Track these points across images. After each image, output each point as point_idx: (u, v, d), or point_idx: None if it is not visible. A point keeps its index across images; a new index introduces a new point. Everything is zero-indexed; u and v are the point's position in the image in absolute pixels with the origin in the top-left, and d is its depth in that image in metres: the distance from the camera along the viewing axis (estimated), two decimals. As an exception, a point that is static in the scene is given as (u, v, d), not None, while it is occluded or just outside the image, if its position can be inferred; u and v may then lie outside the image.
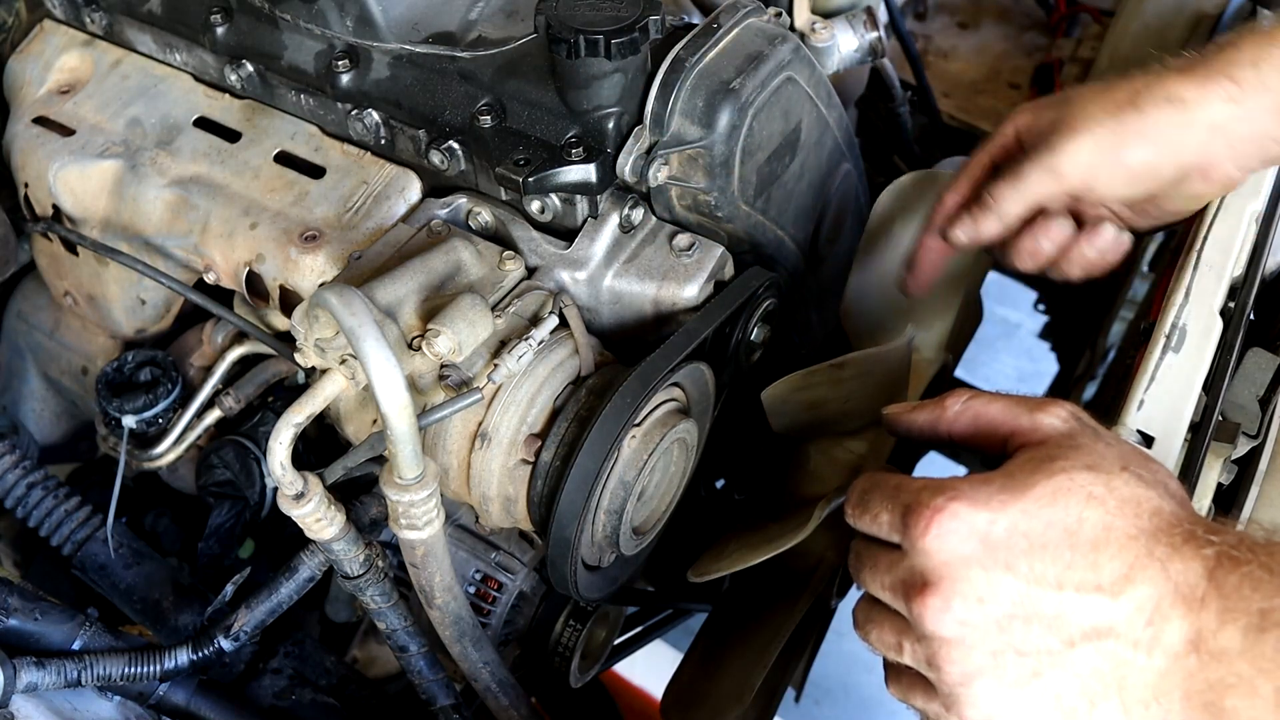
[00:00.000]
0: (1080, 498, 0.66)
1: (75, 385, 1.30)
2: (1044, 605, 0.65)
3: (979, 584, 0.66)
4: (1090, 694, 0.65)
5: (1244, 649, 0.61)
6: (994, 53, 1.69)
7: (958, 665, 0.67)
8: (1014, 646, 0.65)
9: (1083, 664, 0.65)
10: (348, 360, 0.81)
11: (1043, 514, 0.66)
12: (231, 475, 1.17)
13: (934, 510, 0.67)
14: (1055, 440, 0.70)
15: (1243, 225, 0.95)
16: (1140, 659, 0.64)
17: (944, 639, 0.67)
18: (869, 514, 0.73)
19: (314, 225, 1.01)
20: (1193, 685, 0.63)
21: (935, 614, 0.66)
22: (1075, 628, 0.65)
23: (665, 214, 1.00)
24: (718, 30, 0.95)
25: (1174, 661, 0.63)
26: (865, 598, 0.75)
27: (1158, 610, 0.63)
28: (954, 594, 0.66)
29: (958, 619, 0.66)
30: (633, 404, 0.84)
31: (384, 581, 0.92)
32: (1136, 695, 0.64)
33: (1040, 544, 0.65)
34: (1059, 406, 0.73)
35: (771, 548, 0.94)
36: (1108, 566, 0.64)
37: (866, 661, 1.47)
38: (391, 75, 1.00)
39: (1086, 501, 0.66)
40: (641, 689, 1.84)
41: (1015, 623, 0.65)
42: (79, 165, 1.10)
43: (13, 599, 0.89)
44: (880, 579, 0.71)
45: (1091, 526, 0.65)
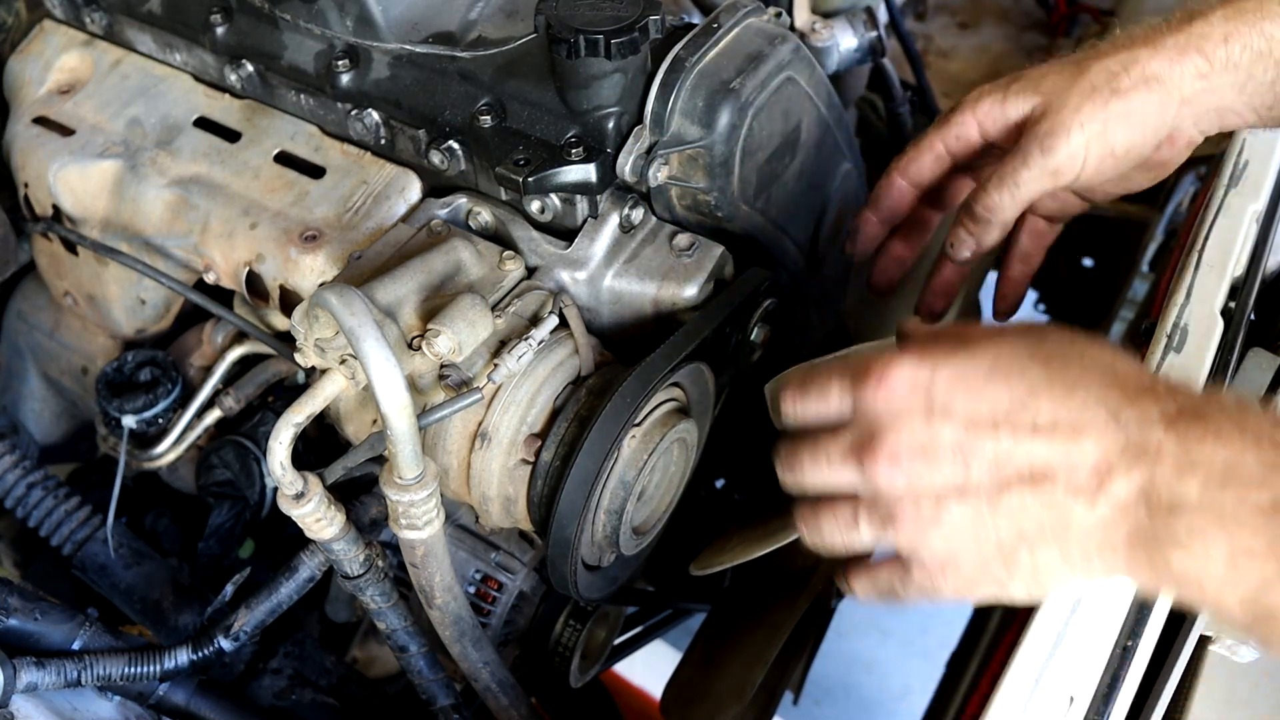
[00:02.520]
0: (1022, 354, 0.66)
1: (75, 385, 1.30)
2: (982, 448, 0.65)
3: (920, 433, 0.66)
4: (1029, 540, 0.65)
5: (1202, 504, 0.59)
6: (994, 53, 1.69)
7: (910, 518, 0.67)
8: (956, 490, 0.66)
9: (1019, 508, 0.64)
10: (348, 360, 0.81)
11: (984, 363, 0.66)
12: (231, 475, 1.17)
13: (882, 367, 0.68)
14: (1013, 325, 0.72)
15: (1243, 225, 0.95)
16: (1081, 508, 0.63)
17: (895, 494, 0.68)
18: (815, 390, 0.73)
19: (314, 225, 1.01)
20: (1138, 538, 0.61)
21: (885, 467, 0.67)
22: (1011, 470, 0.64)
23: (665, 214, 1.00)
24: (718, 30, 0.95)
25: (1120, 513, 0.62)
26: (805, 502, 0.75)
27: (1105, 458, 0.62)
28: (899, 445, 0.67)
29: (905, 470, 0.67)
30: (633, 404, 0.84)
31: (384, 581, 0.92)
32: (1077, 545, 0.63)
33: (979, 390, 0.66)
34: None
35: (773, 541, 0.94)
36: (1048, 410, 0.64)
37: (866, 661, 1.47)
38: (391, 75, 1.00)
39: (1031, 355, 0.66)
40: (641, 689, 1.84)
41: (955, 468, 0.66)
42: (79, 165, 1.10)
43: (13, 599, 0.89)
44: (827, 453, 0.71)
45: (1035, 375, 0.65)
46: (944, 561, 0.68)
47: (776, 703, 1.23)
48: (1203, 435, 0.60)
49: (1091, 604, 0.74)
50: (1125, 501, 0.61)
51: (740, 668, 1.09)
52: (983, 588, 0.68)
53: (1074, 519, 0.63)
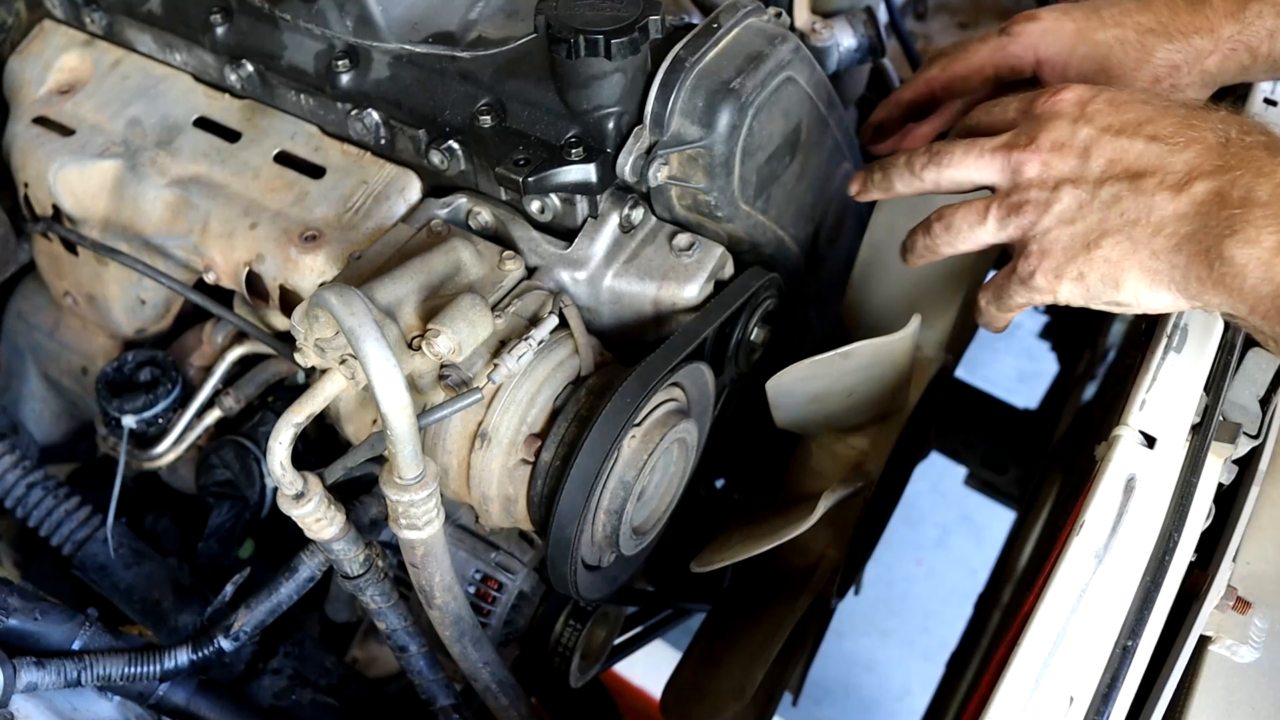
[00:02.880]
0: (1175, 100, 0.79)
1: (75, 385, 1.30)
2: (1104, 147, 0.77)
3: (1064, 131, 0.79)
4: (1110, 227, 0.75)
5: (1269, 199, 0.68)
6: (994, 53, 1.68)
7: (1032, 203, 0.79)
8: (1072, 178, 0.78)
9: (1113, 197, 0.75)
10: (348, 360, 0.81)
11: (1138, 93, 0.79)
12: (231, 475, 1.17)
13: (1055, 89, 0.82)
14: None
15: (1243, 225, 0.94)
16: (1163, 201, 0.73)
17: (1026, 180, 0.80)
18: (998, 105, 0.87)
19: (314, 225, 1.01)
20: (1203, 231, 0.70)
21: (1027, 155, 0.80)
22: (1120, 166, 0.76)
23: (665, 214, 1.00)
24: (718, 30, 0.95)
25: (1195, 207, 0.71)
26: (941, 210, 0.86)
27: (1200, 163, 0.72)
28: (1046, 140, 0.79)
29: (1041, 160, 0.79)
30: (633, 404, 0.84)
31: (384, 581, 0.92)
32: (1149, 238, 0.73)
33: (1122, 107, 0.78)
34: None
35: (775, 538, 0.94)
36: (1171, 125, 0.75)
37: (866, 661, 1.47)
38: (391, 75, 1.00)
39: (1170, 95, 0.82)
40: (641, 689, 1.84)
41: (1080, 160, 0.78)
42: (79, 165, 1.10)
43: (13, 599, 0.89)
44: (981, 146, 0.83)
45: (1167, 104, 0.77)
46: (1045, 247, 0.79)
47: (776, 702, 1.23)
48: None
49: (1091, 604, 0.74)
50: (1203, 198, 0.71)
51: (740, 667, 1.09)
52: (1067, 281, 0.78)
53: (1155, 210, 0.73)
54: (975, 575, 1.67)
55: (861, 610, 2.28)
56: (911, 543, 2.54)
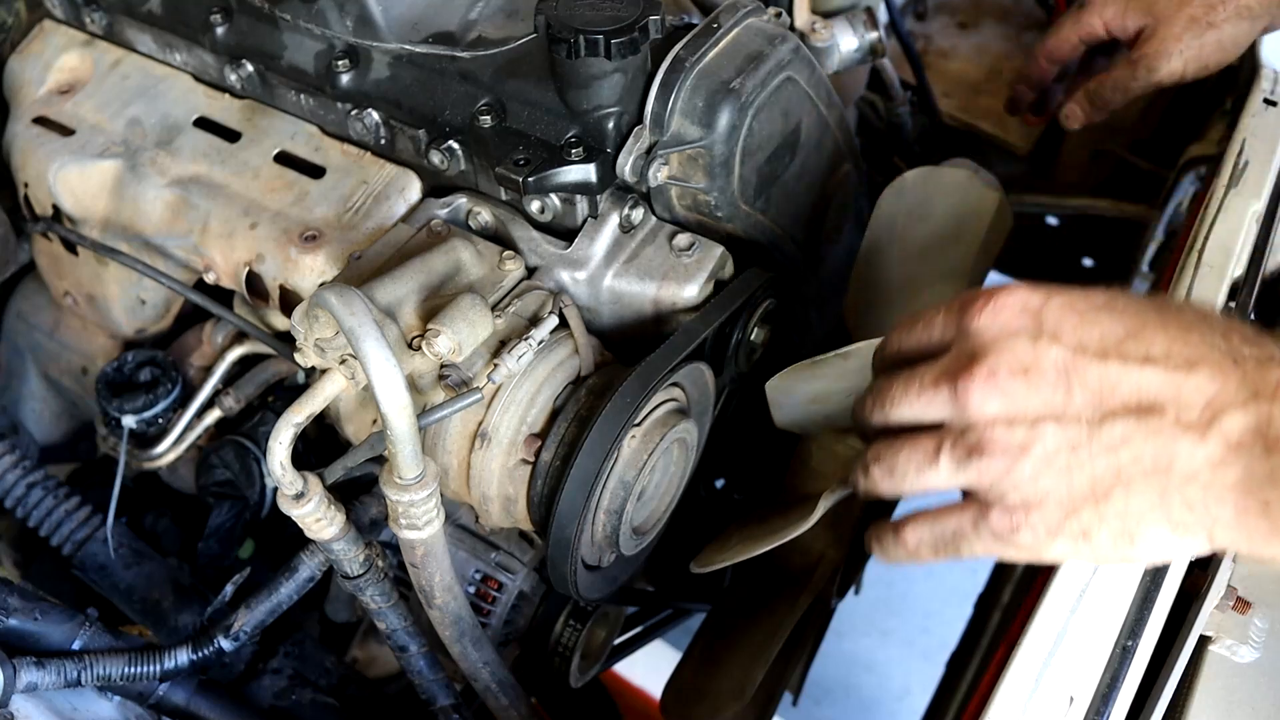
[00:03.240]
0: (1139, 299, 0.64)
1: (75, 385, 1.29)
2: (1088, 372, 0.61)
3: (1024, 353, 0.63)
4: (1127, 478, 0.60)
5: None
6: (994, 53, 1.68)
7: (1001, 445, 0.63)
8: (1054, 414, 0.62)
9: (1120, 439, 0.60)
10: (348, 360, 0.81)
11: (1098, 299, 0.64)
12: (231, 475, 1.17)
13: (989, 294, 0.65)
14: None
15: (1244, 225, 0.95)
16: (1188, 444, 0.59)
17: (987, 418, 0.63)
18: (920, 324, 0.70)
19: (314, 225, 1.01)
20: (1251, 482, 0.57)
21: (981, 387, 0.63)
22: (1117, 399, 0.60)
23: (665, 214, 1.00)
24: (718, 30, 0.95)
25: (1232, 452, 0.58)
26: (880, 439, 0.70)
27: (1219, 393, 0.58)
28: (1000, 364, 0.63)
29: (1001, 390, 0.63)
30: (633, 404, 0.84)
31: (384, 581, 0.92)
32: (1179, 488, 0.59)
33: (1091, 318, 0.63)
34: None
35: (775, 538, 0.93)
36: (1161, 343, 0.61)
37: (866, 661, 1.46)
38: (391, 75, 1.00)
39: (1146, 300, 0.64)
40: (641, 689, 1.84)
41: (1057, 391, 0.62)
42: (79, 165, 1.10)
43: (13, 599, 0.89)
44: (920, 379, 0.67)
45: (1149, 314, 0.62)
46: (1028, 499, 0.63)
47: (776, 702, 1.23)
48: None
49: (1091, 604, 0.74)
50: (1238, 440, 0.58)
51: (740, 667, 1.09)
52: (1065, 538, 0.63)
53: (1180, 456, 0.59)
54: (975, 575, 1.67)
55: (861, 610, 2.28)
56: (911, 542, 2.54)
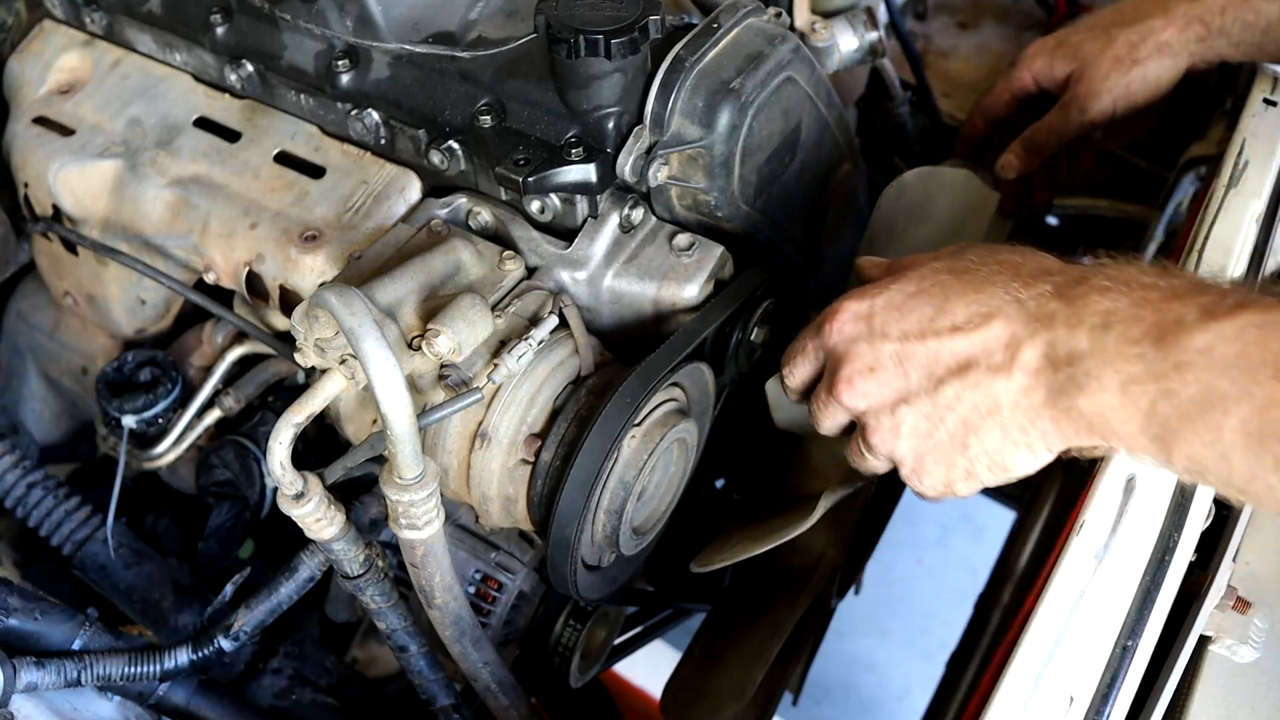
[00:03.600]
0: (945, 267, 0.76)
1: (75, 385, 1.29)
2: (915, 354, 0.74)
3: (866, 355, 0.76)
4: (972, 424, 0.73)
5: (1091, 349, 0.66)
6: (994, 53, 1.68)
7: (878, 434, 0.77)
8: (903, 399, 0.75)
9: (954, 397, 0.72)
10: (348, 360, 0.81)
11: (909, 287, 0.76)
12: (231, 475, 1.17)
13: (831, 312, 0.79)
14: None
15: (1243, 226, 0.95)
16: (1001, 382, 0.70)
17: (861, 413, 0.78)
18: (799, 353, 0.83)
19: (314, 225, 1.01)
20: (1052, 395, 0.69)
21: (845, 392, 0.77)
22: (942, 367, 0.73)
23: (665, 214, 1.00)
24: (718, 30, 0.95)
25: (1033, 377, 0.69)
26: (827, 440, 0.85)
27: (1013, 336, 0.70)
28: (853, 370, 0.77)
29: (861, 391, 0.77)
30: (633, 404, 0.84)
31: (384, 581, 0.92)
32: (1011, 419, 0.71)
33: (907, 309, 0.75)
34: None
35: (775, 538, 0.94)
36: (961, 310, 0.73)
37: (866, 661, 1.46)
38: (391, 75, 1.00)
39: (950, 269, 0.76)
40: (641, 689, 1.84)
41: (898, 378, 0.75)
42: (79, 165, 1.10)
43: (13, 599, 0.89)
44: (820, 400, 0.81)
45: (950, 286, 0.74)
46: (915, 467, 0.77)
47: (776, 702, 1.23)
48: (1086, 294, 0.68)
49: (1092, 604, 0.74)
50: (1035, 366, 0.69)
51: (740, 667, 1.09)
52: (957, 480, 0.76)
53: (1000, 394, 0.71)
54: (975, 575, 1.67)
55: (861, 610, 2.28)
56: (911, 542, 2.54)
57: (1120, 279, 0.68)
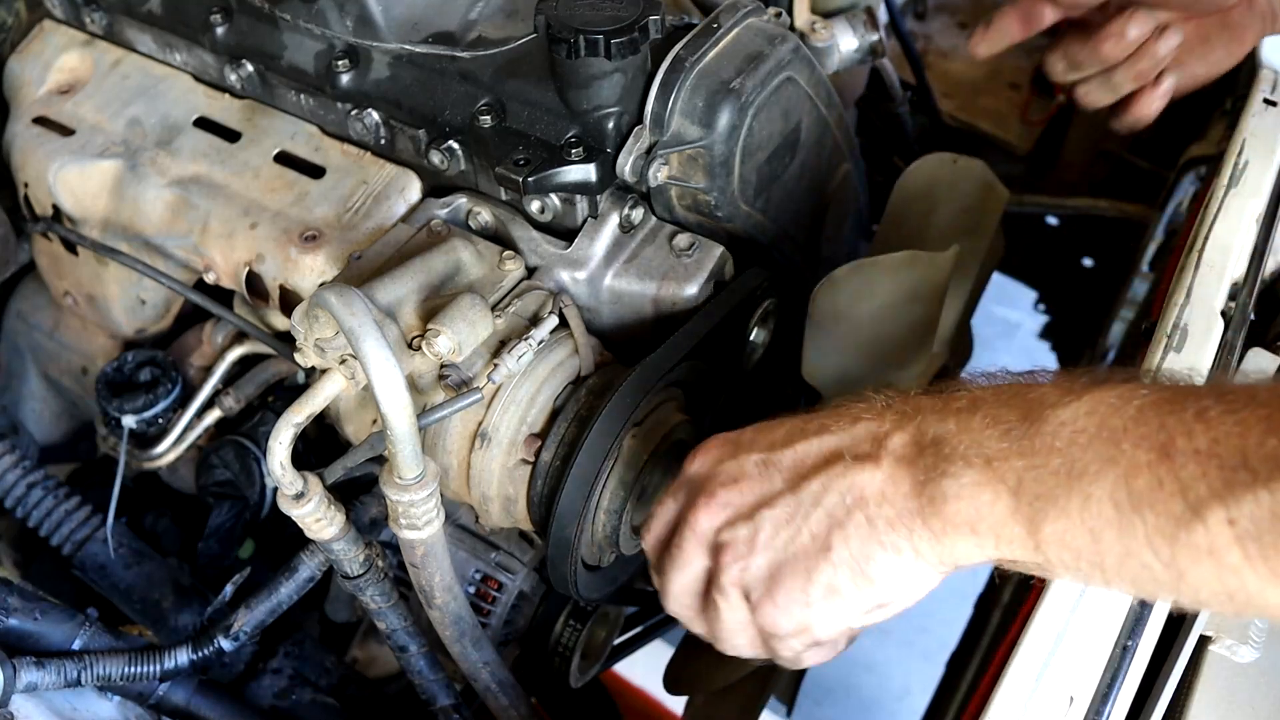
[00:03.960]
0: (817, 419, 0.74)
1: (75, 385, 1.29)
2: (783, 459, 0.72)
3: (732, 469, 0.74)
4: (838, 520, 0.68)
5: (957, 428, 0.65)
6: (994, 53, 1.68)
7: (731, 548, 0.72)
8: (765, 502, 0.71)
9: (819, 490, 0.69)
10: (348, 360, 0.81)
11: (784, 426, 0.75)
12: (231, 475, 1.17)
13: (699, 448, 0.77)
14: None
15: (1243, 226, 0.95)
16: (869, 471, 0.68)
17: (717, 529, 0.73)
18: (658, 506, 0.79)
19: (314, 225, 1.01)
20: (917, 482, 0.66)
21: (705, 508, 0.73)
22: (808, 464, 0.71)
23: (665, 214, 1.00)
24: (718, 30, 0.95)
25: (900, 464, 0.67)
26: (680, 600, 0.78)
27: (880, 427, 0.69)
28: (716, 485, 0.73)
29: (721, 502, 0.73)
30: (633, 404, 0.84)
31: (384, 581, 0.92)
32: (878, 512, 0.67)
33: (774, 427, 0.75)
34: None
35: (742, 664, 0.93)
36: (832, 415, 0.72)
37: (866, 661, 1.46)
38: (391, 75, 1.00)
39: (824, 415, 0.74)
40: (641, 689, 1.83)
41: (763, 483, 0.72)
42: (79, 165, 1.10)
43: (13, 599, 0.89)
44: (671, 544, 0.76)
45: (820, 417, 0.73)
46: (770, 584, 0.71)
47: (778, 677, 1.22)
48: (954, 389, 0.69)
49: (1092, 603, 0.74)
50: (902, 453, 0.67)
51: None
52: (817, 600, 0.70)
53: (866, 483, 0.68)
54: (975, 575, 1.67)
55: (861, 610, 2.27)
56: (911, 543, 2.54)
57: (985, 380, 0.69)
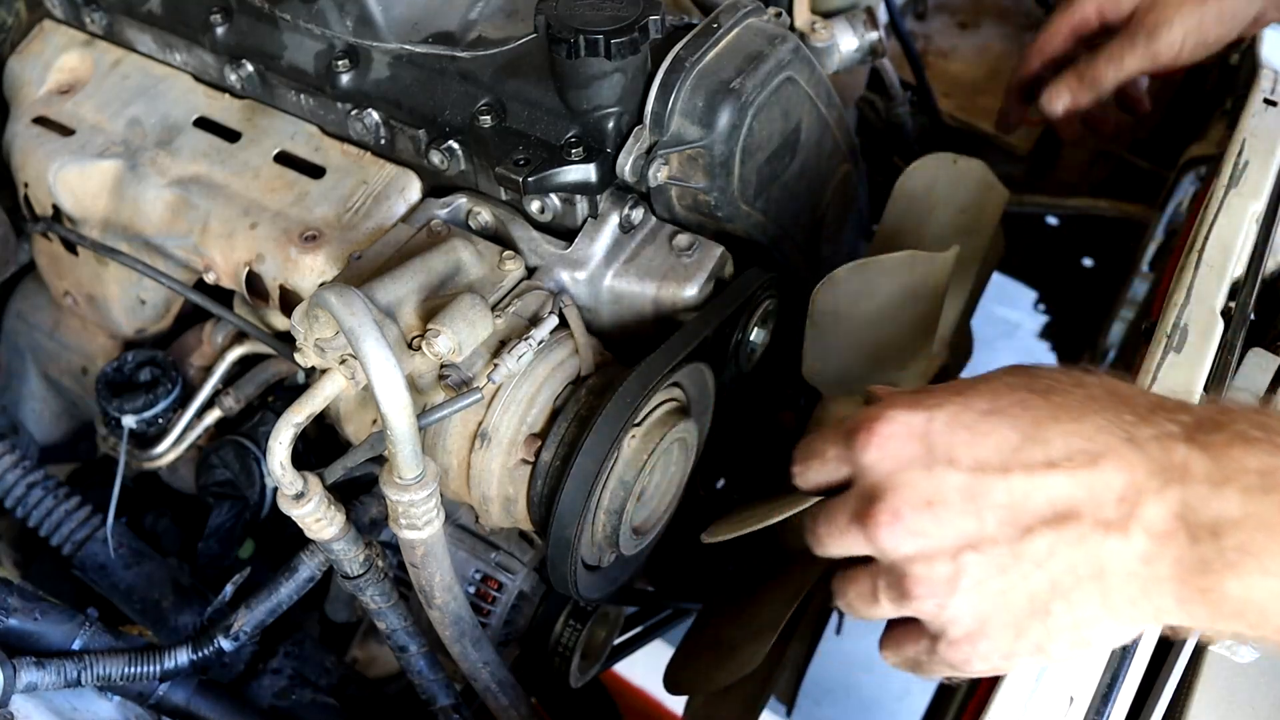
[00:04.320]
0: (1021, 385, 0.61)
1: (75, 385, 1.29)
2: (994, 492, 0.59)
3: (923, 486, 0.60)
4: (1063, 588, 0.58)
5: (1246, 517, 0.53)
6: (994, 53, 1.68)
7: (925, 584, 0.61)
8: (971, 544, 0.59)
9: (1045, 552, 0.58)
10: (348, 360, 0.81)
11: (982, 404, 0.60)
12: (231, 475, 1.17)
13: (871, 420, 0.63)
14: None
15: (1243, 225, 0.95)
16: (1114, 542, 0.57)
17: (905, 557, 0.61)
18: (816, 459, 0.67)
19: (314, 225, 1.01)
20: (1185, 569, 0.55)
21: (889, 530, 0.61)
22: (1029, 512, 0.58)
23: (665, 214, 1.00)
24: (718, 30, 0.95)
25: (1158, 542, 0.56)
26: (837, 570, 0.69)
27: (1131, 484, 0.56)
28: (901, 502, 0.61)
29: (910, 529, 0.61)
30: (633, 404, 0.84)
31: (384, 581, 0.92)
32: (1119, 586, 0.57)
33: (981, 430, 0.60)
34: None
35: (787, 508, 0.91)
36: (1060, 442, 0.58)
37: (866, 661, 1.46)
38: (391, 75, 1.00)
39: (1029, 388, 0.60)
40: (641, 689, 1.83)
41: (967, 519, 0.59)
42: (79, 165, 1.10)
43: (13, 599, 0.89)
44: (837, 524, 0.65)
45: (1037, 408, 0.59)
46: (971, 630, 0.62)
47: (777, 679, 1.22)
48: (1228, 443, 0.55)
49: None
50: (1162, 529, 0.56)
51: (745, 641, 1.08)
52: (1021, 653, 0.62)
53: (1109, 556, 0.57)
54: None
55: (861, 610, 2.28)
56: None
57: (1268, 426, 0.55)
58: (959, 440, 0.60)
